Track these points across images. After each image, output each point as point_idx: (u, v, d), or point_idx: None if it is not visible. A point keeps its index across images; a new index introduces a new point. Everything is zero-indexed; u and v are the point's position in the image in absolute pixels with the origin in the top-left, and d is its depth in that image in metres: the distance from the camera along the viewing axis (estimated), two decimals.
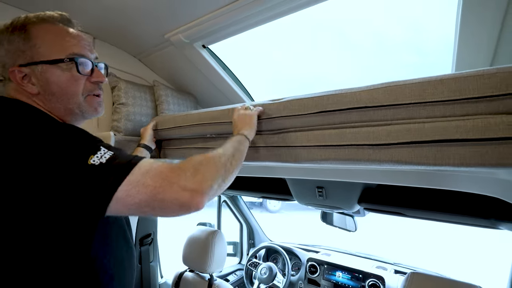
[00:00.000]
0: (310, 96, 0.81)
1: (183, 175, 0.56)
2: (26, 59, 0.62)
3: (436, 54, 3.67)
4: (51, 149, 0.51)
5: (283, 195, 1.56)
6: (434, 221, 1.10)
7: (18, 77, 0.62)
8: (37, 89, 0.63)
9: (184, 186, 0.54)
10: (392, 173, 0.98)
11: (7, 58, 0.62)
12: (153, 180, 0.53)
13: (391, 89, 0.68)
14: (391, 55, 5.42)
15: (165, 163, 0.58)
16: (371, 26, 4.16)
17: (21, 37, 0.62)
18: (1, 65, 0.63)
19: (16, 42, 0.62)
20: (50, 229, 0.54)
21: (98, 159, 0.51)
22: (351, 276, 1.86)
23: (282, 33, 2.01)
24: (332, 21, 3.12)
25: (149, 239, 1.72)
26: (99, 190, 0.50)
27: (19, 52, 0.62)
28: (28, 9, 1.16)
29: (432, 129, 0.61)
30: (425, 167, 0.63)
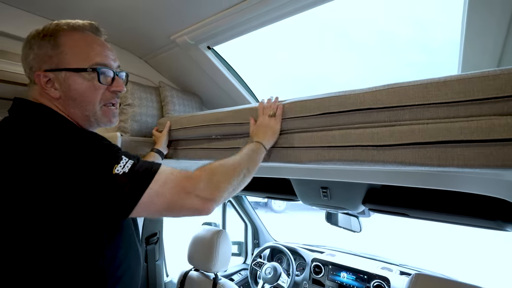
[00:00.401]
0: (313, 98, 0.82)
1: (197, 186, 0.62)
2: (52, 64, 0.65)
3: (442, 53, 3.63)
4: (78, 157, 0.54)
5: (288, 195, 1.57)
6: (439, 222, 1.09)
7: (42, 81, 0.65)
8: (59, 94, 0.67)
9: (198, 195, 0.61)
10: (397, 174, 0.98)
11: (35, 62, 0.66)
12: (173, 189, 0.59)
13: (395, 91, 0.68)
14: (396, 54, 5.37)
15: (182, 172, 0.63)
16: (375, 25, 4.13)
17: (51, 43, 0.65)
18: (29, 67, 0.67)
19: (45, 47, 0.65)
20: (69, 230, 0.57)
21: (121, 169, 0.56)
22: (355, 276, 1.85)
23: (286, 34, 2.01)
24: (336, 21, 3.11)
25: (155, 238, 1.75)
26: (123, 198, 0.55)
27: (47, 57, 0.65)
28: (28, 9, 1.18)
29: (436, 130, 0.61)
30: (429, 168, 0.63)
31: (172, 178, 0.60)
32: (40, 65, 0.65)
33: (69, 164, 0.53)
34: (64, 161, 0.53)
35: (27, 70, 0.67)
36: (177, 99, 1.56)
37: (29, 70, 0.67)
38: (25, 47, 0.67)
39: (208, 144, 1.15)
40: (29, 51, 0.66)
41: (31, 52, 0.66)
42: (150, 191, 0.57)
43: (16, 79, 1.15)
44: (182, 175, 0.62)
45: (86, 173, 0.53)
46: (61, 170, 0.53)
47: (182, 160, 1.35)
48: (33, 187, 0.53)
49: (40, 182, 0.52)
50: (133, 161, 0.58)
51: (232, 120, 1.01)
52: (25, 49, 0.67)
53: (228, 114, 1.03)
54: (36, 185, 0.53)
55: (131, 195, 0.55)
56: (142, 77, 1.62)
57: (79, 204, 0.55)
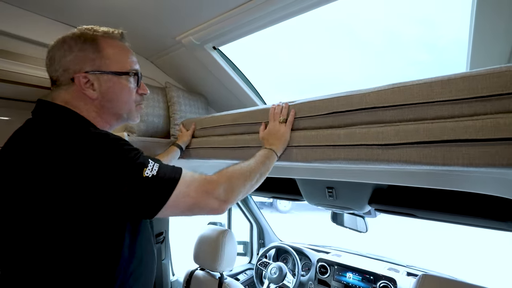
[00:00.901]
0: (321, 98, 0.83)
1: (218, 188, 0.68)
2: (94, 67, 0.70)
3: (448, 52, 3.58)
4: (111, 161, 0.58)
5: (293, 195, 1.57)
6: (446, 222, 1.08)
7: (82, 82, 0.69)
8: (96, 95, 0.71)
9: (218, 197, 0.67)
10: (402, 174, 0.98)
11: (74, 64, 0.69)
12: (196, 192, 0.65)
13: (399, 90, 0.68)
14: (401, 53, 5.32)
15: (202, 175, 0.69)
16: (381, 24, 4.10)
17: (93, 47, 0.71)
18: (63, 69, 0.69)
19: (87, 50, 0.70)
20: (94, 229, 0.60)
21: (150, 172, 0.60)
22: (362, 277, 1.84)
23: (292, 34, 2.01)
24: (342, 20, 3.10)
25: (161, 237, 1.76)
26: (153, 200, 0.60)
27: (89, 60, 0.70)
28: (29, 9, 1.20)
29: (441, 129, 0.60)
30: (434, 167, 0.63)
31: (195, 181, 0.66)
32: (80, 67, 0.69)
33: (102, 167, 0.56)
34: (97, 165, 0.56)
35: (59, 71, 0.69)
36: (183, 100, 1.57)
37: (63, 71, 0.69)
38: (61, 48, 0.69)
39: (219, 143, 1.17)
40: (67, 52, 0.69)
41: (71, 54, 0.69)
42: (177, 192, 0.61)
43: (18, 78, 1.18)
44: (203, 178, 0.68)
45: (118, 176, 0.57)
46: (94, 173, 0.56)
47: (192, 160, 1.37)
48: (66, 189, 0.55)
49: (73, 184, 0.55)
50: (159, 165, 0.62)
51: (248, 120, 1.04)
52: (61, 51, 0.69)
53: (244, 114, 1.07)
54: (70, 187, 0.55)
55: (160, 196, 0.60)
56: (149, 77, 1.65)
57: (109, 205, 0.58)
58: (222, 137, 1.17)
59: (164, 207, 0.60)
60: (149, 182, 0.59)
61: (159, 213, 0.61)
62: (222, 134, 1.18)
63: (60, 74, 0.69)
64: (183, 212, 0.64)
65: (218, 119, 1.19)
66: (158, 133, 1.51)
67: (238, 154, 1.08)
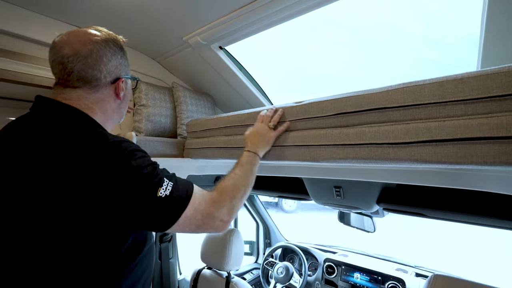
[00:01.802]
0: (329, 99, 0.83)
1: (221, 210, 0.72)
2: (126, 72, 0.79)
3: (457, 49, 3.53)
4: (128, 177, 0.60)
5: (300, 195, 1.56)
6: (457, 222, 1.07)
7: (121, 85, 0.77)
8: (122, 96, 0.78)
9: (222, 219, 0.72)
10: (412, 173, 0.96)
11: (116, 68, 0.75)
12: (202, 215, 0.69)
13: (410, 90, 0.67)
14: (408, 51, 5.26)
15: (208, 194, 0.73)
16: (386, 22, 4.06)
17: (125, 55, 0.79)
18: (107, 71, 0.73)
19: (124, 57, 0.78)
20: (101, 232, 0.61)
21: (163, 191, 0.63)
22: (369, 278, 1.83)
23: (297, 34, 2.01)
24: (346, 19, 3.08)
25: (169, 236, 1.77)
26: (164, 219, 0.63)
27: (124, 66, 0.78)
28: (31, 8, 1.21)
29: (453, 127, 0.59)
30: (447, 166, 0.62)
31: (203, 203, 0.69)
32: (121, 72, 0.77)
33: (119, 181, 0.59)
34: (114, 177, 0.58)
35: (103, 72, 0.72)
36: (189, 99, 1.58)
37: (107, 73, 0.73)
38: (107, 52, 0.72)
39: (224, 143, 1.17)
40: (113, 57, 0.74)
41: (115, 59, 0.75)
42: (187, 213, 0.65)
43: (19, 78, 1.19)
44: (210, 199, 0.72)
45: (133, 193, 0.59)
46: (110, 185, 0.58)
47: (198, 160, 1.38)
48: (81, 195, 0.57)
49: (88, 192, 0.57)
50: (173, 183, 0.65)
51: (254, 121, 1.04)
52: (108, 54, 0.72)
53: (250, 115, 1.07)
54: (85, 194, 0.57)
55: (171, 217, 0.64)
56: (156, 78, 1.66)
57: (121, 217, 0.60)
58: (228, 137, 1.17)
59: (172, 227, 0.64)
60: (162, 202, 0.62)
61: (168, 230, 0.65)
62: (228, 135, 1.19)
63: (104, 76, 0.72)
64: (189, 231, 0.69)
65: (225, 120, 1.19)
66: (165, 132, 1.52)
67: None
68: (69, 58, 0.67)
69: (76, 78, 0.69)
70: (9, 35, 1.16)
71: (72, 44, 0.68)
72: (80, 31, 0.72)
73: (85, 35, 0.70)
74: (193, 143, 1.38)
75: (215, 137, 1.25)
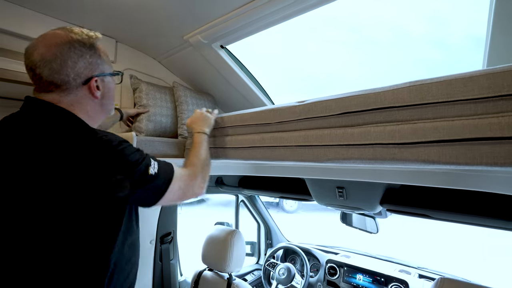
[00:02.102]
0: (333, 98, 0.81)
1: (197, 181, 0.89)
2: (99, 71, 0.79)
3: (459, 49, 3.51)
4: (122, 161, 0.69)
5: (302, 195, 1.55)
6: (463, 224, 1.05)
7: (94, 85, 0.77)
8: (99, 95, 0.79)
9: (199, 186, 0.90)
10: (417, 173, 0.95)
11: (86, 69, 0.75)
12: (185, 185, 0.84)
13: (416, 88, 0.65)
14: (410, 51, 5.24)
15: (184, 171, 0.87)
16: (387, 21, 4.05)
17: (96, 52, 0.78)
18: (76, 74, 0.73)
19: (94, 56, 0.77)
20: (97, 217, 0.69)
21: (153, 170, 0.74)
22: (372, 279, 1.81)
23: (298, 34, 1.99)
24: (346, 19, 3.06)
25: (169, 237, 1.76)
26: (155, 193, 0.75)
27: (96, 65, 0.78)
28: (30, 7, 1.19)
29: (462, 127, 0.58)
30: (455, 166, 0.60)
31: (183, 177, 0.84)
32: (92, 72, 0.77)
33: (114, 166, 0.67)
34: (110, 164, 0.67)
35: (71, 75, 0.72)
36: (190, 99, 1.56)
37: (75, 76, 0.73)
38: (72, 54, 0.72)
39: (226, 143, 1.16)
40: (80, 58, 0.73)
41: (83, 60, 0.74)
42: (173, 187, 0.78)
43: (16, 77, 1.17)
44: (186, 174, 0.87)
45: (130, 176, 0.69)
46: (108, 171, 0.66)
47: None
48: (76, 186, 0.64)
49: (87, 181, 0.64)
50: (158, 163, 0.77)
51: (256, 121, 1.03)
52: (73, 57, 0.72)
53: (252, 115, 1.05)
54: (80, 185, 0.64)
55: (161, 191, 0.75)
56: (156, 77, 1.64)
57: (119, 197, 0.69)
58: (230, 137, 1.16)
59: (161, 199, 0.76)
60: (153, 179, 0.73)
61: (157, 204, 0.77)
62: (230, 134, 1.17)
63: (72, 78, 0.73)
64: (173, 201, 0.82)
65: (226, 120, 1.18)
66: (166, 132, 1.50)
67: (246, 154, 1.06)
68: (37, 63, 0.69)
69: (46, 83, 0.71)
70: (8, 34, 1.14)
71: (39, 49, 0.70)
72: (48, 34, 0.73)
73: (50, 39, 0.71)
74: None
75: (216, 137, 1.23)
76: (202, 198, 7.44)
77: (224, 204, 6.90)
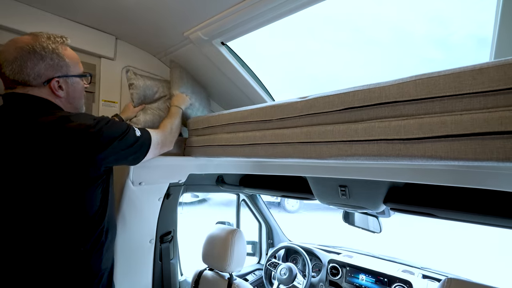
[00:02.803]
0: (336, 93, 0.79)
1: (169, 137, 1.18)
2: (62, 72, 0.88)
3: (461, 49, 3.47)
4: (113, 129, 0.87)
5: (304, 194, 1.52)
6: (469, 223, 1.02)
7: (55, 86, 0.86)
8: (64, 94, 0.89)
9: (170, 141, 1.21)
10: (422, 171, 0.92)
11: (47, 71, 0.84)
12: (161, 139, 1.10)
13: (423, 82, 0.63)
14: (412, 51, 5.22)
15: (158, 131, 1.12)
16: (389, 21, 4.05)
17: (59, 55, 0.86)
18: (36, 75, 0.83)
19: (55, 59, 0.85)
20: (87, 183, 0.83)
21: (138, 132, 0.97)
22: (375, 279, 1.78)
23: (299, 32, 1.98)
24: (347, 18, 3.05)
25: (169, 236, 1.74)
26: (145, 149, 1.00)
27: (58, 67, 0.86)
28: (35, 6, 1.19)
29: (471, 121, 0.55)
30: (464, 162, 0.58)
31: (157, 135, 1.08)
32: (53, 73, 0.85)
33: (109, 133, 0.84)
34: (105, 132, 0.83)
35: (31, 75, 0.81)
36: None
37: (36, 76, 0.82)
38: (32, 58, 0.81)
39: (226, 141, 1.14)
40: (40, 61, 0.82)
41: (43, 63, 0.83)
42: (153, 142, 1.03)
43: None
44: (159, 134, 1.11)
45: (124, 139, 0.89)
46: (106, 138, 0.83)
47: (198, 158, 1.35)
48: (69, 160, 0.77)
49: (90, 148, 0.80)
50: (137, 127, 0.99)
51: (256, 118, 1.01)
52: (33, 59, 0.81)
53: (253, 112, 1.04)
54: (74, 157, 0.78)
55: (147, 147, 1.00)
56: (156, 75, 1.62)
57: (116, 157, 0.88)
58: (230, 134, 1.14)
59: (147, 154, 1.01)
60: (141, 139, 0.97)
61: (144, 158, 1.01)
62: (230, 132, 1.15)
63: (33, 78, 0.82)
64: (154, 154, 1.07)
65: (226, 117, 1.16)
66: None
67: (247, 151, 1.04)
68: (2, 64, 0.80)
69: (9, 81, 0.81)
70: (14, 32, 1.14)
71: (4, 51, 0.80)
72: (15, 39, 0.82)
73: (15, 43, 0.80)
74: (194, 141, 1.35)
75: (216, 134, 1.21)
76: (203, 198, 7.42)
77: (225, 203, 6.88)
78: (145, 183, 1.29)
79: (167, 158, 1.34)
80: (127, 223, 1.29)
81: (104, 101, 1.42)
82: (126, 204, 1.26)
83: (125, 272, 1.31)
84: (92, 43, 1.36)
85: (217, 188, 1.98)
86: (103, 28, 1.37)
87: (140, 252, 1.39)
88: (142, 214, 1.36)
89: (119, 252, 1.26)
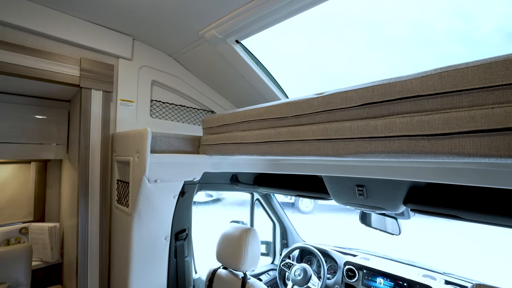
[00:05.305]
0: (354, 88, 0.76)
1: None
2: None
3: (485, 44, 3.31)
4: None
5: (320, 194, 1.49)
6: (498, 226, 0.96)
7: None
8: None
9: None
10: (444, 171, 0.87)
11: None
12: None
13: (449, 74, 0.59)
14: (433, 48, 5.03)
15: None
16: (408, 17, 3.91)
17: None
18: None
19: None
20: None
21: None
22: (394, 283, 1.72)
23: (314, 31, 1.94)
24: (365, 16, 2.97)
25: (184, 234, 1.75)
26: None
27: None
28: (61, 9, 1.23)
29: (505, 115, 0.51)
30: (495, 160, 0.54)
31: None
32: None
33: None
34: None
35: None
36: None
37: None
38: None
39: (241, 139, 1.13)
40: None
41: None
42: None
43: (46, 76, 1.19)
44: None
45: None
46: None
47: (213, 156, 1.34)
48: None
49: None
50: None
51: (271, 115, 1.00)
52: None
53: (268, 109, 1.02)
54: None
55: None
56: (172, 74, 1.64)
57: None
58: (245, 132, 1.12)
59: None
60: None
61: None
62: (245, 130, 1.14)
63: None
64: None
65: (241, 115, 1.15)
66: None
67: (262, 149, 1.03)
68: None
69: None
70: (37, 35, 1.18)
71: None
72: None
73: None
74: (208, 139, 1.35)
75: (231, 132, 1.21)
76: (217, 198, 7.48)
77: (239, 203, 6.90)
78: (160, 181, 1.30)
79: (182, 156, 1.34)
80: (143, 220, 1.31)
81: (122, 100, 1.44)
82: (142, 201, 1.28)
83: (141, 268, 1.33)
84: (111, 44, 1.39)
85: (231, 187, 1.98)
86: (121, 29, 1.40)
87: (155, 248, 1.40)
88: (157, 211, 1.38)
89: (135, 248, 1.28)
